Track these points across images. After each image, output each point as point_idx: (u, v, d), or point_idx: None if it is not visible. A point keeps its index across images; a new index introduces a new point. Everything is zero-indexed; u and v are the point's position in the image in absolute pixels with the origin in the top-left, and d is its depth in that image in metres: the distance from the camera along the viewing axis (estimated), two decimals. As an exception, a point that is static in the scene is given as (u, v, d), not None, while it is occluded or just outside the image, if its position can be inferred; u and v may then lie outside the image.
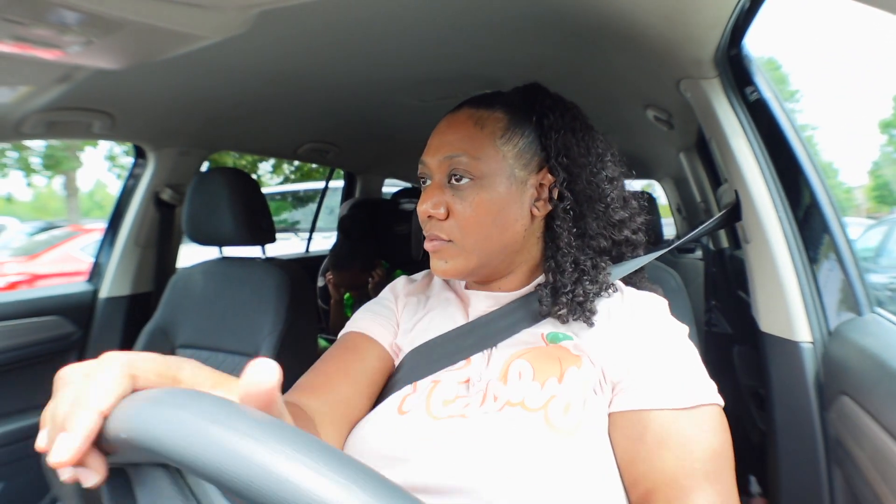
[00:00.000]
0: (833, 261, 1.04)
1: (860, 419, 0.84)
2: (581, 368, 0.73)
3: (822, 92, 39.10)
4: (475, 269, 0.82)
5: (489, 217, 0.79)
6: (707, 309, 2.53)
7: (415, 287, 0.97)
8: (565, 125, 0.82)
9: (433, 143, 0.84)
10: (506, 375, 0.75)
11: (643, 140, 2.41)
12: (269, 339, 1.52)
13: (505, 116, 0.82)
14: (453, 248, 0.80)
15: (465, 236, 0.79)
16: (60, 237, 6.83)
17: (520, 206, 0.81)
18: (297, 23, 1.04)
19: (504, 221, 0.80)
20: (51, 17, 0.84)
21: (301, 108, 1.78)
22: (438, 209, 0.80)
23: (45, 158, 14.40)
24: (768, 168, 1.08)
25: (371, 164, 3.13)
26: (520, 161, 0.81)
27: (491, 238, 0.80)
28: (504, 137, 0.81)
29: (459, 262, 0.80)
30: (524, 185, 0.81)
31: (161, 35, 0.95)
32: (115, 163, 15.10)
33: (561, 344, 0.77)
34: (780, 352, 1.07)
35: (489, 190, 0.79)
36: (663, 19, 0.97)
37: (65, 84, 1.21)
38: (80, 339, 1.87)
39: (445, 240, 0.80)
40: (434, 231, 0.81)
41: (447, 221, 0.80)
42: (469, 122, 0.81)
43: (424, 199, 0.81)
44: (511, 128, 0.81)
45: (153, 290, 2.03)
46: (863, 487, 0.84)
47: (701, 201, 2.66)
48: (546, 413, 0.68)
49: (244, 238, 1.61)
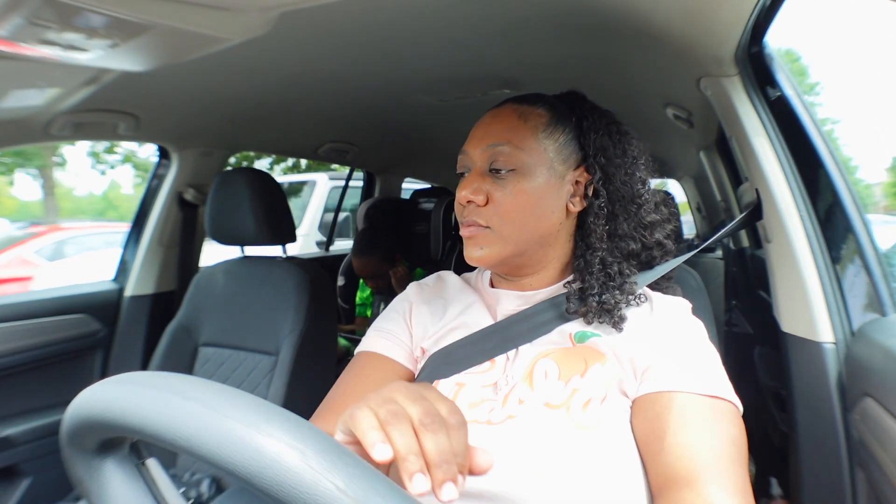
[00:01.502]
0: (856, 260, 1.03)
1: (884, 421, 0.82)
2: (605, 365, 0.74)
3: (842, 85, 38.35)
4: (508, 259, 0.83)
5: (528, 206, 0.81)
6: (727, 309, 2.50)
7: (429, 292, 0.97)
8: (602, 127, 0.86)
9: (476, 134, 0.85)
10: (531, 376, 0.76)
11: (663, 139, 2.39)
12: (289, 337, 1.53)
13: (547, 113, 0.85)
14: (490, 235, 0.81)
15: (503, 223, 0.80)
16: (15, 239, 6.72)
17: (557, 199, 0.83)
18: (318, 23, 1.06)
19: (541, 212, 0.82)
20: (78, 20, 0.86)
21: (321, 109, 1.80)
22: (479, 195, 0.81)
23: (14, 154, 13.63)
24: (790, 166, 1.07)
25: (390, 164, 3.14)
26: (559, 156, 0.83)
27: (527, 227, 0.82)
28: (546, 132, 0.83)
29: (495, 250, 0.81)
30: (562, 179, 0.83)
31: (185, 37, 0.97)
32: (98, 159, 14.56)
33: (588, 343, 0.78)
34: (802, 352, 1.06)
35: (529, 180, 0.81)
36: (683, 17, 0.97)
37: (92, 86, 1.24)
38: (105, 337, 1.91)
39: (483, 226, 0.81)
40: (472, 217, 0.81)
41: (486, 208, 0.81)
42: (513, 115, 0.84)
43: (465, 186, 0.82)
44: (552, 124, 0.84)
45: (176, 288, 2.06)
46: (887, 490, 0.83)
47: (721, 200, 2.63)
48: (568, 408, 0.70)
49: (265, 238, 1.62)
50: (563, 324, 0.81)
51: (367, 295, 2.72)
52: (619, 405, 0.71)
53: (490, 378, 0.79)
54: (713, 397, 0.68)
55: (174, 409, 0.36)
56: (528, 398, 0.73)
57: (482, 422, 0.73)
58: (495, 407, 0.74)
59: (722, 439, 0.65)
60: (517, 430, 0.69)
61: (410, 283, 1.01)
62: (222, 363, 1.61)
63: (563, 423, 0.68)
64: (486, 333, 0.84)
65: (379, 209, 2.87)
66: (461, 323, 0.88)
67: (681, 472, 0.63)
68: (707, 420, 0.66)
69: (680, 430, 0.65)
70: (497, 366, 0.80)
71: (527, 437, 0.68)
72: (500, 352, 0.82)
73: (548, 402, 0.71)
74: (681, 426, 0.66)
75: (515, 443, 0.68)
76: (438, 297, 0.96)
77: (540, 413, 0.70)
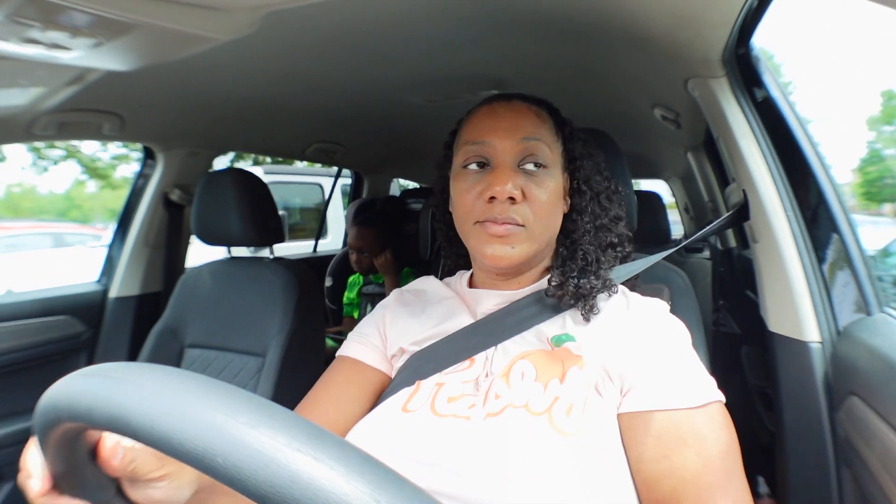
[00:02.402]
0: (842, 260, 1.04)
1: (870, 419, 0.83)
2: (583, 369, 0.73)
3: (811, 85, 38.82)
4: (530, 259, 0.83)
5: (554, 205, 0.82)
6: (715, 309, 2.52)
7: (409, 297, 0.98)
8: (575, 135, 0.89)
9: (501, 125, 0.82)
10: (508, 375, 0.76)
11: (651, 139, 2.41)
12: (276, 339, 1.52)
13: (550, 118, 0.86)
14: (524, 234, 0.79)
15: (536, 221, 0.79)
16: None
17: (562, 200, 0.85)
18: (305, 24, 1.05)
19: (558, 212, 0.84)
20: (62, 19, 0.85)
21: (309, 109, 1.79)
22: (518, 192, 0.78)
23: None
24: (776, 167, 1.07)
25: (379, 165, 3.13)
26: (562, 158, 0.86)
27: (550, 226, 0.83)
28: (556, 135, 0.85)
29: (524, 248, 0.80)
30: (562, 180, 0.85)
31: (170, 37, 0.96)
32: (39, 154, 13.30)
33: (564, 346, 0.78)
34: (789, 352, 1.06)
35: (554, 179, 0.82)
36: (671, 18, 0.97)
37: (76, 85, 1.23)
38: (90, 339, 1.89)
39: (520, 224, 0.79)
40: (510, 214, 0.78)
41: (522, 205, 0.79)
42: (531, 113, 0.84)
43: (502, 181, 0.77)
44: (557, 128, 0.86)
45: (162, 290, 2.04)
46: (872, 488, 0.83)
47: (709, 201, 2.65)
48: (550, 416, 0.68)
49: (252, 238, 1.61)
50: (541, 323, 0.81)
51: (354, 295, 2.72)
52: (598, 408, 0.70)
53: (470, 375, 0.79)
54: (704, 406, 0.68)
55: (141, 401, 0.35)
56: (504, 394, 0.73)
57: (461, 416, 0.72)
58: (475, 403, 0.73)
59: (718, 451, 0.65)
60: (495, 433, 0.68)
61: (393, 290, 1.01)
62: (209, 365, 1.60)
63: (544, 430, 0.67)
64: (467, 331, 0.84)
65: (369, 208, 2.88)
66: (441, 323, 0.88)
67: (681, 493, 0.63)
68: (701, 435, 0.66)
69: (683, 451, 0.65)
70: (477, 364, 0.80)
71: (505, 442, 0.67)
72: (481, 349, 0.81)
73: (528, 408, 0.70)
74: (683, 448, 0.65)
75: (492, 447, 0.67)
76: (418, 300, 0.96)
77: (521, 419, 0.69)
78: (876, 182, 19.91)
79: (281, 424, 0.33)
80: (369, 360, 0.89)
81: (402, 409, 0.76)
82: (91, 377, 0.37)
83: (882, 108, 20.01)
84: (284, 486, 0.30)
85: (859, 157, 26.94)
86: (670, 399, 0.68)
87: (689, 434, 0.66)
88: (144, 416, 0.34)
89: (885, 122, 19.92)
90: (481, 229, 0.80)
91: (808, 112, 27.21)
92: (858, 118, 38.70)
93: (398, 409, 0.76)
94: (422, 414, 0.74)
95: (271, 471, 0.30)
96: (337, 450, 0.32)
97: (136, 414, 0.34)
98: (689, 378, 0.70)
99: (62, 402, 0.38)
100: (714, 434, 0.66)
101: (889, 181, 19.20)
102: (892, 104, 19.64)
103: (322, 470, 0.30)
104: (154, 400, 0.34)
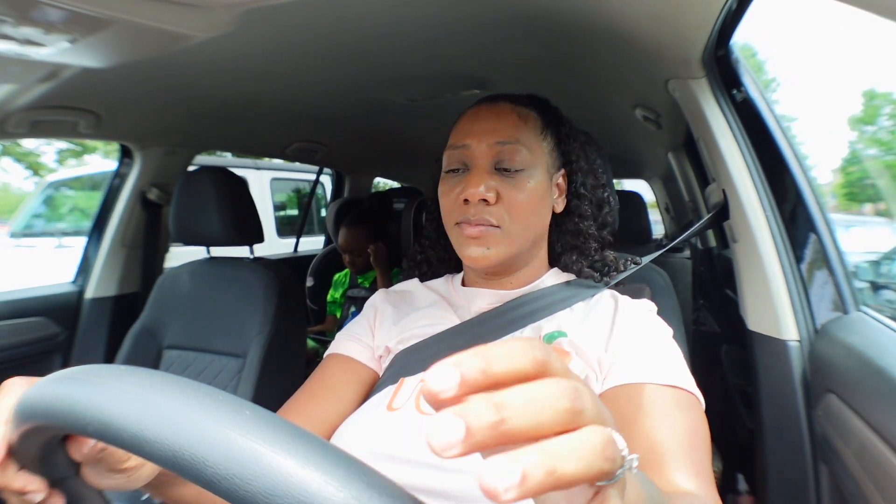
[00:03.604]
0: (819, 260, 1.05)
1: (846, 416, 0.84)
2: (570, 364, 0.74)
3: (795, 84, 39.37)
4: (510, 259, 0.83)
5: (533, 206, 0.82)
6: (695, 308, 2.54)
7: (395, 296, 0.98)
8: (573, 134, 0.90)
9: (478, 129, 0.83)
10: None
11: (632, 139, 2.42)
12: (257, 339, 1.50)
13: (539, 117, 0.87)
14: (499, 235, 0.80)
15: (513, 222, 0.80)
16: None
17: (548, 200, 0.86)
18: (285, 21, 1.04)
19: (540, 213, 0.84)
20: (35, 14, 0.83)
21: (289, 108, 1.77)
22: (490, 193, 0.79)
23: None
24: (755, 167, 1.09)
25: (360, 164, 3.12)
26: (550, 158, 0.86)
27: (531, 227, 0.83)
28: (542, 135, 0.86)
29: (501, 250, 0.81)
30: (551, 181, 0.86)
31: (147, 33, 0.94)
32: None
33: (555, 343, 0.78)
34: (768, 350, 1.08)
35: (534, 179, 0.82)
36: (651, 19, 0.97)
37: (50, 82, 1.20)
38: (65, 341, 1.85)
39: (494, 225, 0.80)
40: (483, 215, 0.80)
41: (496, 206, 0.80)
42: (513, 114, 0.84)
43: (474, 183, 0.79)
44: (545, 128, 0.86)
45: (140, 290, 2.01)
46: (848, 484, 0.85)
47: (689, 200, 2.67)
48: None
49: (232, 238, 1.59)
50: (537, 321, 0.82)
51: (339, 295, 2.70)
52: None
53: None
54: (674, 387, 0.69)
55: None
56: None
57: None
58: None
59: (684, 427, 0.66)
60: None
61: (378, 290, 1.01)
62: (188, 366, 1.57)
63: None
64: (456, 331, 0.84)
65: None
66: (428, 323, 0.87)
67: (644, 457, 0.63)
68: (669, 409, 0.67)
69: (643, 418, 0.66)
70: None
71: None
72: (468, 348, 0.81)
73: None
74: (643, 415, 0.66)
75: None
76: (404, 300, 0.96)
77: None
78: (857, 182, 20.21)
79: (238, 413, 0.33)
80: (362, 358, 0.89)
81: (388, 407, 0.76)
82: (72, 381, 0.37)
83: (864, 108, 20.26)
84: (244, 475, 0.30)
85: (841, 157, 27.29)
86: (642, 374, 0.70)
87: (656, 406, 0.67)
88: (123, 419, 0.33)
89: (866, 122, 20.18)
90: (459, 231, 0.82)
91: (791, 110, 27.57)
92: (840, 118, 39.28)
93: (383, 408, 0.76)
94: (406, 411, 0.74)
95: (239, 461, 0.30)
96: (296, 441, 0.31)
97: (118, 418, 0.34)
98: (664, 360, 0.72)
99: (39, 407, 0.37)
100: (683, 414, 0.67)
101: (870, 181, 19.48)
102: (874, 104, 19.89)
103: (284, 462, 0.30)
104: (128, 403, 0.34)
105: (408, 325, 0.89)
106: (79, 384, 0.36)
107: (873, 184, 18.77)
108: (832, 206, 19.85)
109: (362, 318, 0.96)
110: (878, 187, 16.60)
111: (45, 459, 0.45)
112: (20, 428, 0.41)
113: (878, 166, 20.20)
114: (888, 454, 0.72)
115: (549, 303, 0.83)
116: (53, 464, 0.46)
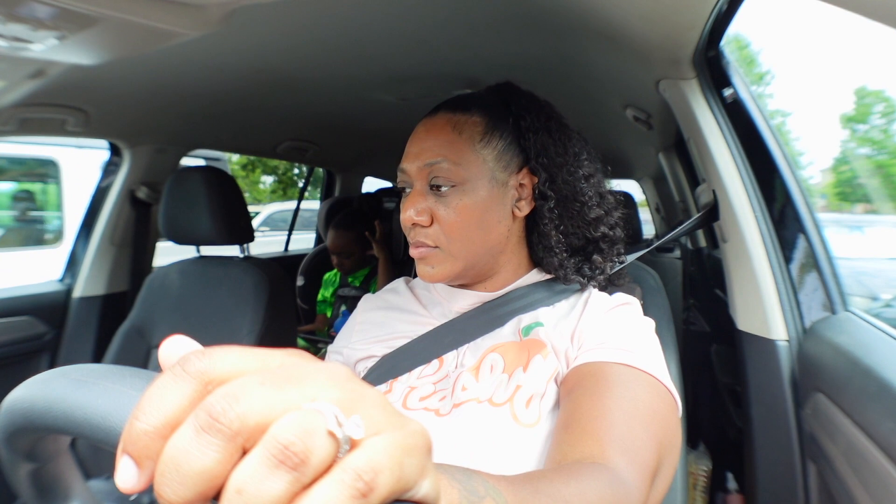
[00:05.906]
0: (808, 260, 1.06)
1: (834, 415, 0.85)
2: (546, 358, 0.74)
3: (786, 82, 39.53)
4: (462, 273, 0.82)
5: (473, 221, 0.79)
6: (685, 307, 2.56)
7: (380, 300, 0.98)
8: (541, 125, 0.83)
9: (412, 150, 0.82)
10: (478, 369, 0.76)
11: (622, 140, 2.43)
12: (247, 339, 1.50)
13: (482, 120, 0.81)
14: (440, 254, 0.80)
15: (450, 242, 0.79)
16: None
17: (502, 207, 0.81)
18: (275, 19, 1.03)
19: (487, 224, 0.80)
20: (24, 11, 0.82)
21: (280, 106, 1.77)
22: (422, 216, 0.79)
23: None
24: (745, 168, 1.09)
25: (351, 163, 3.11)
26: (499, 163, 0.81)
27: (475, 241, 0.80)
28: (483, 141, 0.80)
29: (446, 268, 0.80)
30: (505, 186, 0.81)
31: (137, 31, 0.94)
32: None
33: (531, 334, 0.79)
34: (757, 350, 1.08)
35: (471, 194, 0.79)
36: (642, 20, 0.98)
37: (38, 80, 1.19)
38: (52, 340, 1.84)
39: (431, 246, 0.80)
40: (419, 238, 0.80)
41: (431, 228, 0.79)
42: (447, 128, 0.81)
43: (407, 207, 0.79)
44: (489, 131, 0.81)
45: (129, 289, 1.99)
46: (836, 482, 0.85)
47: (679, 201, 2.69)
48: (512, 406, 0.70)
49: (222, 237, 1.58)
50: (518, 315, 0.82)
51: (329, 294, 2.70)
52: (556, 397, 0.72)
53: (441, 374, 0.80)
54: (645, 373, 0.68)
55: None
56: (471, 387, 0.73)
57: (431, 409, 0.74)
58: (446, 395, 0.75)
59: (649, 410, 0.64)
60: (461, 425, 0.70)
61: (364, 296, 1.01)
62: (177, 366, 1.56)
63: (505, 420, 0.69)
64: (440, 330, 0.84)
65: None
66: (412, 325, 0.88)
67: (590, 424, 0.61)
68: (635, 391, 0.65)
69: (605, 390, 0.64)
70: (447, 363, 0.81)
71: (468, 434, 0.68)
72: (453, 347, 0.82)
73: (491, 400, 0.71)
74: (607, 388, 0.65)
75: (456, 440, 0.68)
76: (388, 304, 0.96)
77: (483, 411, 0.70)
78: (849, 182, 20.24)
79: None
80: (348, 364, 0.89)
81: None
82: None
83: (856, 107, 20.10)
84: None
85: (833, 156, 27.28)
86: (608, 354, 0.70)
87: (619, 382, 0.66)
88: None
89: (858, 120, 20.15)
90: (411, 249, 0.82)
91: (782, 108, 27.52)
92: (833, 116, 39.39)
93: None
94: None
95: None
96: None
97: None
98: (638, 349, 0.71)
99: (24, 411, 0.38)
100: (645, 394, 0.66)
101: (863, 181, 19.48)
102: (866, 102, 19.88)
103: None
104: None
105: (393, 326, 0.90)
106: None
107: (864, 183, 18.80)
108: (822, 205, 19.91)
109: (346, 329, 0.96)
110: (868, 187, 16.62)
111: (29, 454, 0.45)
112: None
113: (867, 165, 20.21)
114: (875, 453, 0.73)
115: (528, 302, 0.83)
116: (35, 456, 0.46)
